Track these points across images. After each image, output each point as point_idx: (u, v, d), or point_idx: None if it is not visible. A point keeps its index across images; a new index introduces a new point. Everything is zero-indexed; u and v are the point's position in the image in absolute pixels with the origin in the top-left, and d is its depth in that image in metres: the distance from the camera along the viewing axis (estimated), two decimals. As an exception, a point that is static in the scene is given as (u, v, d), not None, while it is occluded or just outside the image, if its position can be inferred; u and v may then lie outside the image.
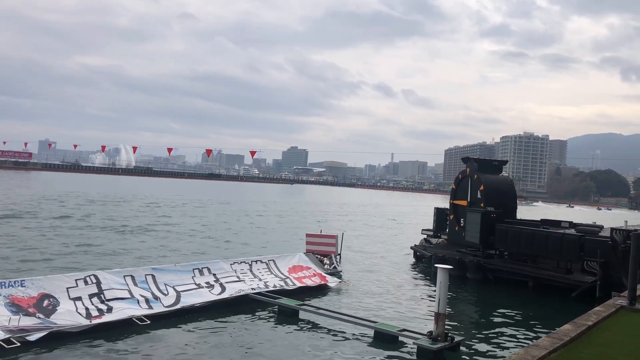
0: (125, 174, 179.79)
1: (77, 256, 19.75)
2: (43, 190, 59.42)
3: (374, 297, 16.42)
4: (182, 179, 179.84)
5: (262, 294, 14.57)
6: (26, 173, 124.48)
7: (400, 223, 50.61)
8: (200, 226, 33.85)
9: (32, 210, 35.61)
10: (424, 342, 10.86)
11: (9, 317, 10.44)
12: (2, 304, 10.68)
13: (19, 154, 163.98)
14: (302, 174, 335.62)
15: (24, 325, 10.30)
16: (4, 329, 10.01)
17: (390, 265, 22.99)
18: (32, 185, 70.88)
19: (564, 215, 62.11)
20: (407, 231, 40.33)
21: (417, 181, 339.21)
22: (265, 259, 17.49)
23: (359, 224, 45.04)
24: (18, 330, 10.08)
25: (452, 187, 25.47)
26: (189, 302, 13.25)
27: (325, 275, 17.91)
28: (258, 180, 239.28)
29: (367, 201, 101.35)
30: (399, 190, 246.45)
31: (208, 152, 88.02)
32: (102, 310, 11.74)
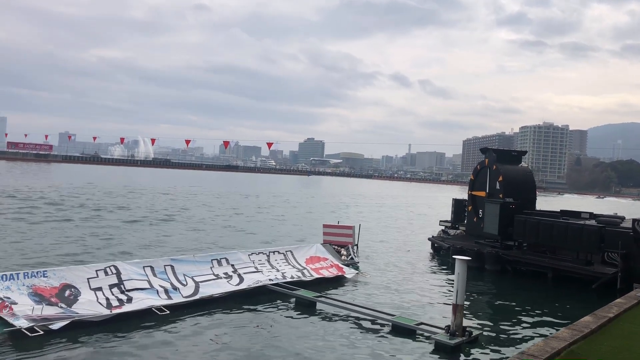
0: (143, 166, 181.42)
1: (97, 247, 20.03)
2: (64, 181, 60.25)
3: (391, 288, 16.40)
4: (200, 171, 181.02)
5: (279, 285, 14.65)
6: (47, 165, 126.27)
7: (418, 214, 50.42)
8: (218, 217, 34.08)
9: (54, 201, 36.15)
10: (441, 337, 10.84)
11: (32, 306, 10.65)
12: (26, 294, 10.90)
13: (40, 147, 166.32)
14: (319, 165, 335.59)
15: (47, 315, 10.50)
16: (28, 317, 10.22)
17: (408, 257, 22.94)
18: (53, 177, 71.93)
19: (593, 206, 61.22)
20: (425, 222, 40.17)
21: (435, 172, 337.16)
22: (283, 249, 17.57)
23: (376, 215, 44.96)
24: (41, 319, 10.28)
25: (471, 178, 25.28)
26: (208, 292, 13.37)
27: (343, 267, 17.93)
28: (275, 171, 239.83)
29: (384, 192, 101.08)
30: (416, 181, 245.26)
31: (225, 144, 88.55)
32: (122, 301, 11.91)
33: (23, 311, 10.39)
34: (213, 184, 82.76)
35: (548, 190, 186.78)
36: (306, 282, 15.64)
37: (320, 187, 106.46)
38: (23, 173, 76.91)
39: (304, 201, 57.71)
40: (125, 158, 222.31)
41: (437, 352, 10.64)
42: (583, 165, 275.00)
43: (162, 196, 48.66)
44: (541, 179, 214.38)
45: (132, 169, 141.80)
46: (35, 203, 34.13)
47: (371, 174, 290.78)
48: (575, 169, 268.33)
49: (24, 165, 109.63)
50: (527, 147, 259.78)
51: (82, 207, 34.09)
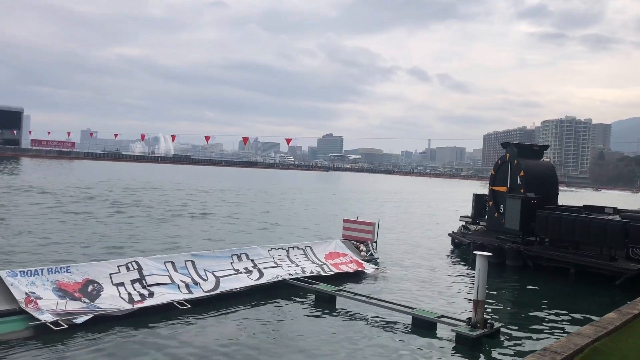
0: (164, 162, 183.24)
1: (118, 243, 20.29)
2: (90, 178, 61.15)
3: (411, 283, 16.35)
4: (220, 167, 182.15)
5: (299, 280, 14.69)
6: (69, 162, 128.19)
7: (438, 210, 50.14)
8: (238, 213, 34.28)
9: (77, 198, 36.72)
10: (462, 329, 10.78)
11: (57, 301, 10.84)
12: (50, 289, 11.10)
13: (63, 144, 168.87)
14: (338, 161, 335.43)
15: (71, 309, 10.68)
16: (52, 312, 10.41)
17: (428, 252, 22.83)
18: (78, 174, 73.02)
19: (634, 202, 60.05)
20: (445, 218, 39.93)
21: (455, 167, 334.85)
22: (302, 245, 17.61)
23: (396, 211, 44.82)
24: (65, 314, 10.46)
25: (491, 173, 25.03)
26: (228, 287, 13.48)
27: (362, 262, 17.92)
28: (294, 167, 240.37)
29: (403, 188, 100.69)
30: (436, 176, 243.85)
31: (245, 140, 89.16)
32: (144, 295, 12.06)
33: (48, 306, 10.58)
34: (232, 180, 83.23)
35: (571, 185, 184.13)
36: (326, 277, 15.67)
37: (339, 183, 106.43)
38: (48, 170, 78.21)
39: (323, 197, 57.76)
40: (146, 155, 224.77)
41: (458, 345, 10.60)
42: (606, 159, 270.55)
43: (182, 192, 49.08)
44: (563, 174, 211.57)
45: (154, 166, 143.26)
46: (63, 199, 34.70)
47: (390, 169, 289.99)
48: (598, 164, 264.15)
49: (48, 163, 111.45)
50: (549, 141, 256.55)
51: (103, 203, 34.56)
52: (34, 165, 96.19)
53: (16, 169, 76.28)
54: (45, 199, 34.26)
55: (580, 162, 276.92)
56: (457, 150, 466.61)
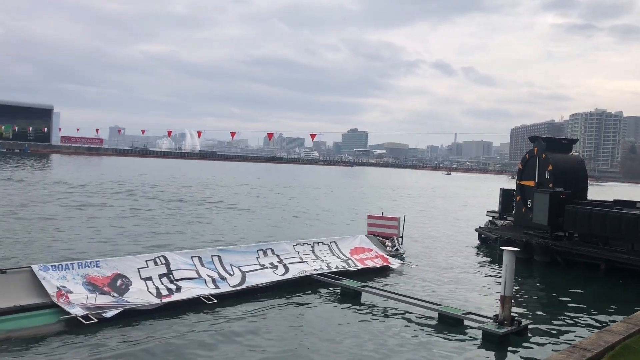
0: (190, 158, 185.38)
1: (146, 238, 20.59)
2: (115, 174, 62.19)
3: (437, 279, 16.23)
4: (245, 162, 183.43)
5: (324, 275, 14.71)
6: (98, 158, 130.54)
7: (464, 205, 49.65)
8: (263, 208, 34.47)
9: (106, 194, 37.37)
10: (489, 326, 10.66)
11: (87, 295, 11.06)
12: (80, 283, 11.33)
13: (92, 140, 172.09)
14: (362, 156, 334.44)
15: (100, 303, 10.89)
16: (83, 306, 10.63)
17: (454, 248, 22.64)
18: (109, 169, 74.34)
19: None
20: (472, 213, 39.53)
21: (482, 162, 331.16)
22: (327, 240, 17.62)
23: (422, 206, 44.53)
24: (95, 308, 10.67)
25: (519, 168, 24.68)
26: (254, 282, 13.57)
27: (388, 257, 17.86)
28: (318, 162, 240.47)
29: (429, 183, 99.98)
30: (462, 171, 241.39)
31: (269, 136, 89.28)
32: (171, 290, 12.22)
33: (78, 300, 10.80)
34: (257, 176, 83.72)
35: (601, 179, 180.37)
36: (351, 272, 15.66)
37: (364, 178, 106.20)
38: (78, 166, 79.78)
39: (347, 192, 57.70)
40: (173, 151, 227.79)
41: (485, 342, 10.49)
42: (638, 153, 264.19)
43: (209, 187, 49.57)
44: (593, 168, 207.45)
45: (180, 162, 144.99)
46: (93, 194, 35.37)
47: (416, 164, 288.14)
48: (629, 157, 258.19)
49: (77, 159, 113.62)
50: (578, 135, 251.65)
51: (129, 198, 35.10)
52: (65, 161, 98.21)
53: (48, 165, 77.98)
54: (76, 194, 34.95)
55: (611, 155, 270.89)
56: (483, 145, 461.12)
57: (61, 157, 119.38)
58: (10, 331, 9.56)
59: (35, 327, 9.87)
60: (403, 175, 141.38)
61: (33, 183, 42.94)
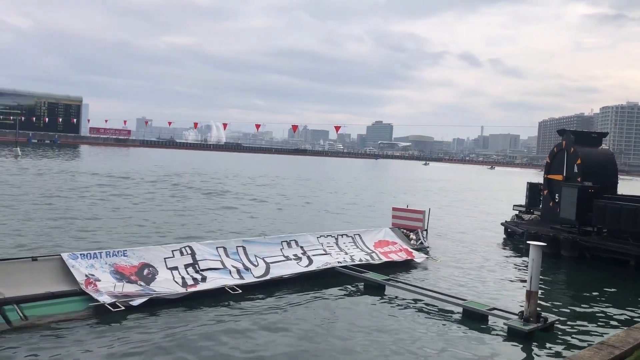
0: (216, 150, 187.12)
1: (172, 228, 20.85)
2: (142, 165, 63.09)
3: (462, 274, 16.10)
4: (270, 155, 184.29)
5: (348, 268, 14.72)
6: (126, 149, 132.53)
7: (491, 198, 49.10)
8: (287, 200, 34.60)
9: (134, 184, 37.96)
10: (515, 322, 10.54)
11: (114, 283, 11.27)
12: (108, 272, 11.55)
13: (119, 132, 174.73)
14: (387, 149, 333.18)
15: (127, 292, 11.09)
16: (110, 294, 10.83)
17: (480, 242, 22.42)
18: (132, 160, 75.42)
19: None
20: (498, 207, 39.06)
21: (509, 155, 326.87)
22: (351, 233, 17.60)
23: (447, 199, 44.17)
24: (122, 296, 10.87)
25: (547, 161, 24.27)
26: (278, 273, 13.65)
27: (412, 251, 17.76)
28: (342, 155, 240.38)
29: (455, 176, 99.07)
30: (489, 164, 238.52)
31: (294, 128, 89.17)
32: (197, 280, 12.37)
33: (106, 288, 11.02)
34: (282, 168, 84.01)
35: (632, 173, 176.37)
36: (375, 265, 15.63)
37: (388, 171, 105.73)
38: (109, 157, 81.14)
39: (371, 184, 57.51)
40: (199, 142, 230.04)
41: (510, 338, 10.37)
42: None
43: (234, 179, 49.94)
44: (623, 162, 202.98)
45: (206, 153, 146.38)
46: (129, 183, 35.97)
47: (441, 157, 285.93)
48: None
49: (106, 150, 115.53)
50: (608, 128, 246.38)
51: (155, 191, 35.56)
52: (94, 152, 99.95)
53: (77, 156, 79.46)
54: (104, 184, 35.58)
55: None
56: (510, 138, 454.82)
57: (90, 148, 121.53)
58: (41, 317, 9.79)
59: (65, 313, 10.10)
60: (428, 168, 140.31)
61: (63, 173, 43.83)
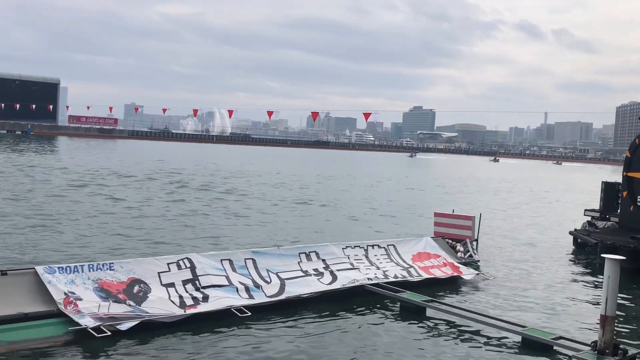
0: (220, 142, 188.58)
1: (167, 236, 21.05)
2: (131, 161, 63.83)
3: (521, 294, 15.98)
4: (285, 148, 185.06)
5: (380, 286, 14.71)
6: (112, 142, 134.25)
7: (556, 201, 48.64)
8: (306, 202, 34.68)
9: (123, 183, 38.43)
10: (587, 355, 10.41)
11: (99, 303, 11.39)
12: (91, 289, 11.68)
13: (104, 120, 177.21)
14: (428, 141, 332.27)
15: (114, 313, 11.22)
16: (94, 316, 10.96)
17: (543, 255, 22.25)
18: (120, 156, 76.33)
19: None
20: (565, 212, 38.69)
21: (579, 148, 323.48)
22: (384, 243, 17.60)
23: (502, 203, 43.87)
24: (108, 318, 10.99)
25: (626, 156, 23.95)
26: (295, 291, 13.70)
27: (459, 265, 17.71)
28: (373, 148, 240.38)
29: (512, 174, 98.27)
30: (554, 159, 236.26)
31: (314, 116, 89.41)
32: (197, 299, 12.47)
33: (89, 308, 11.14)
34: (299, 164, 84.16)
35: None
36: (413, 283, 15.60)
37: (429, 167, 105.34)
38: (91, 151, 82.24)
39: (409, 184, 57.36)
40: (199, 133, 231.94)
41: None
42: None
43: (240, 177, 50.27)
44: None
45: (208, 146, 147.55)
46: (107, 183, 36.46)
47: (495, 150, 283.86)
48: None
49: (88, 142, 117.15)
50: None
51: (154, 192, 35.95)
52: (74, 145, 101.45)
53: (54, 150, 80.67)
54: (87, 182, 36.07)
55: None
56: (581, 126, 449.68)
57: (69, 141, 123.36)
58: (12, 343, 9.93)
59: (39, 339, 10.23)
60: (478, 164, 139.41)
61: (37, 171, 44.56)
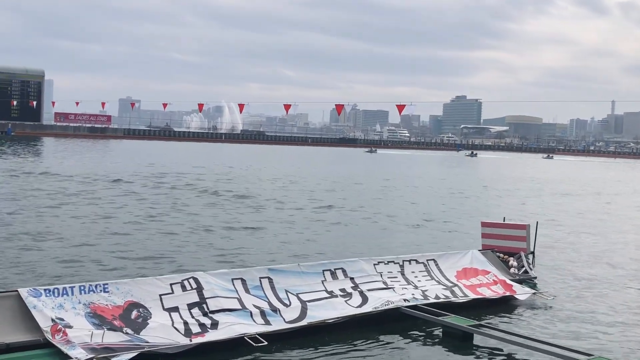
0: (230, 141, 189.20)
1: (168, 251, 21.16)
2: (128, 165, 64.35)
3: (586, 317, 15.82)
4: (305, 146, 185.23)
5: (418, 308, 14.64)
6: (104, 142, 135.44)
7: (627, 208, 48.07)
8: (330, 210, 34.66)
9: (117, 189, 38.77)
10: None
11: (91, 331, 11.42)
12: (82, 314, 11.73)
13: (96, 118, 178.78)
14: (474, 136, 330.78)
15: (109, 343, 11.24)
16: (86, 346, 10.97)
17: (611, 272, 21.98)
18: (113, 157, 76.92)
19: None
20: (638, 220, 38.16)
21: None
22: (423, 257, 17.53)
23: (562, 210, 43.45)
24: (102, 349, 11.03)
25: None
26: (319, 316, 13.66)
27: (512, 283, 17.57)
28: (408, 146, 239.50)
29: (572, 175, 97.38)
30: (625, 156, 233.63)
31: (338, 109, 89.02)
32: (204, 326, 12.49)
33: (80, 337, 11.16)
34: (322, 166, 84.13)
35: None
36: (458, 304, 15.52)
37: (475, 167, 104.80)
38: (80, 153, 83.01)
39: (451, 187, 57.08)
40: (206, 131, 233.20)
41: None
42: None
43: (255, 183, 50.47)
44: None
45: (217, 146, 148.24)
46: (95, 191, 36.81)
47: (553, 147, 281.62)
48: None
49: (78, 144, 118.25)
50: None
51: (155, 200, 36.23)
52: (61, 147, 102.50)
53: (38, 153, 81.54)
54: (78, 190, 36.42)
55: None
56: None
57: (56, 142, 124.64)
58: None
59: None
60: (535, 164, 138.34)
61: (22, 178, 45.11)
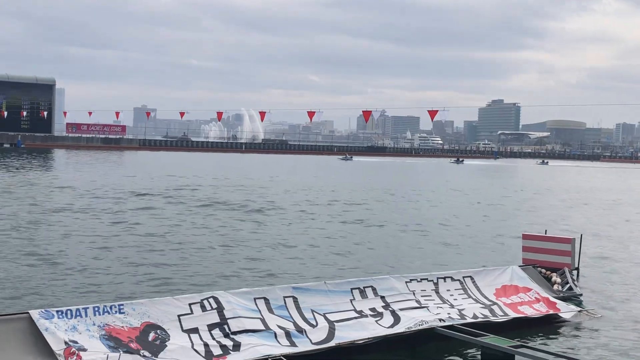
0: (251, 151, 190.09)
1: (187, 269, 21.27)
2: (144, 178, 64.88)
3: (637, 339, 15.64)
4: (331, 155, 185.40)
5: (455, 328, 14.57)
6: (119, 154, 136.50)
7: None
8: (359, 224, 34.65)
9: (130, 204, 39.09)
10: None
11: (107, 354, 11.48)
12: (97, 337, 11.80)
13: (110, 128, 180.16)
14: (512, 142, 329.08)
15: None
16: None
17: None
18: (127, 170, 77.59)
19: None
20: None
21: None
22: (459, 274, 17.47)
23: (609, 221, 43.01)
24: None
25: None
26: (347, 337, 13.63)
27: (555, 301, 17.47)
28: (442, 154, 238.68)
29: (621, 183, 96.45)
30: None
31: (366, 115, 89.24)
32: (226, 348, 12.51)
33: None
34: (349, 175, 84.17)
35: None
36: (497, 324, 15.45)
37: (515, 176, 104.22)
38: (93, 165, 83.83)
39: (488, 197, 56.81)
40: (225, 141, 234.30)
41: None
42: None
43: (280, 195, 50.61)
44: None
45: (238, 157, 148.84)
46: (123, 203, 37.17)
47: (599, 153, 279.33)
48: None
49: (91, 156, 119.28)
50: None
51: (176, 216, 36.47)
52: (72, 159, 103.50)
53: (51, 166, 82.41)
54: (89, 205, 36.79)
55: None
56: None
57: (67, 154, 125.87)
58: (2, 404, 10.14)
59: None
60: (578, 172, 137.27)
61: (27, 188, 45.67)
